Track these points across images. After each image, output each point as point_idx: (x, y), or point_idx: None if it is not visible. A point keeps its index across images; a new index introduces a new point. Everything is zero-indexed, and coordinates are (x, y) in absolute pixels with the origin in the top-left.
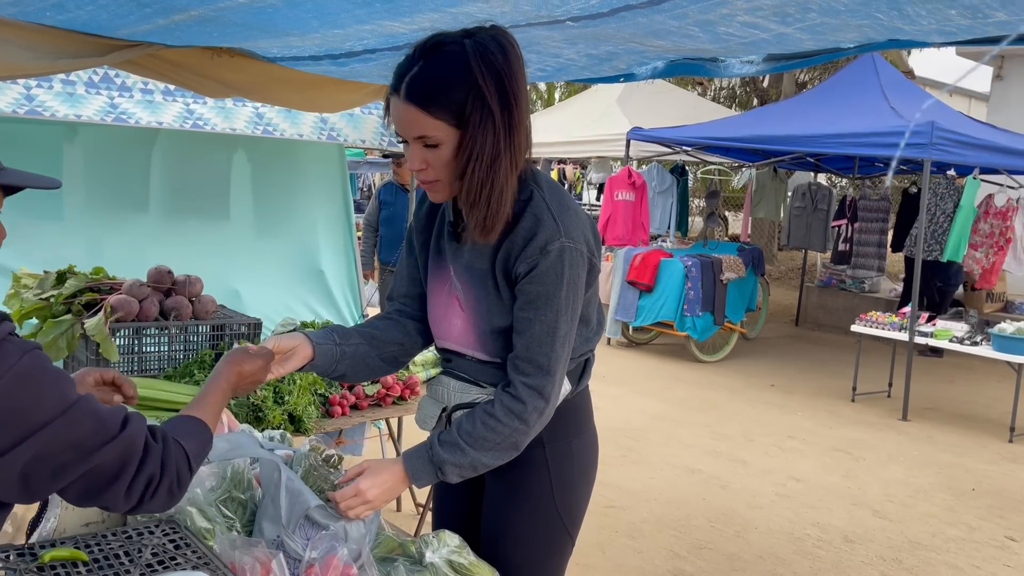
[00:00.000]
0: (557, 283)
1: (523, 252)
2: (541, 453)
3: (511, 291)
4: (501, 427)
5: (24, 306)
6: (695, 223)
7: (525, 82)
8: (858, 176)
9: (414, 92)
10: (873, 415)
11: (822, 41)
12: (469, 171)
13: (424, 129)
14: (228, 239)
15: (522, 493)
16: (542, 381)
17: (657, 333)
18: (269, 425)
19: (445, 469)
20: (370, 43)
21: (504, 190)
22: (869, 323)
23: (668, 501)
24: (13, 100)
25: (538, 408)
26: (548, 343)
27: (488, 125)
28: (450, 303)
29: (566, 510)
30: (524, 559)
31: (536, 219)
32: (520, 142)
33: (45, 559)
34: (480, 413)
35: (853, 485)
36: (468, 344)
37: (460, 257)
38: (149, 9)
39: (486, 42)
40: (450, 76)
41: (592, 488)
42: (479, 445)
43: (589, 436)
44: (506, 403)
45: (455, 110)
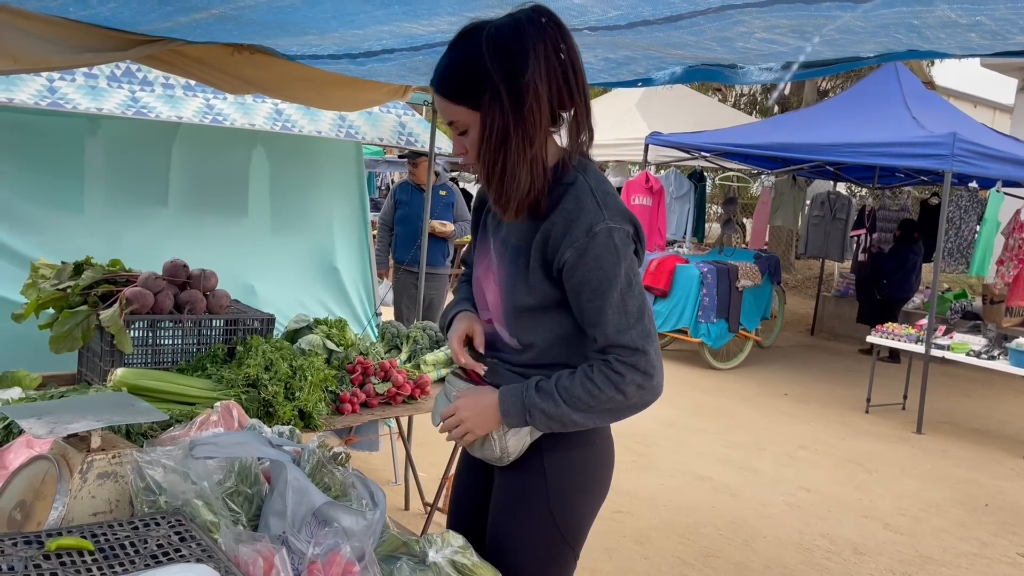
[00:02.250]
0: (613, 263)
1: (567, 235)
2: (539, 461)
3: (543, 274)
4: (598, 392)
5: (41, 296)
6: (712, 229)
7: (553, 64)
8: (878, 186)
9: (440, 82)
10: (887, 427)
11: (841, 52)
12: (482, 150)
13: (451, 115)
14: (244, 234)
15: (519, 499)
16: (635, 359)
17: (671, 339)
18: (279, 421)
19: (534, 413)
20: (389, 43)
21: (516, 170)
22: (885, 334)
23: (677, 508)
24: (36, 92)
25: (636, 381)
26: (623, 322)
27: (496, 105)
28: (487, 275)
29: (564, 522)
30: (521, 565)
31: (578, 201)
32: (533, 123)
33: (51, 547)
34: (580, 373)
35: (864, 497)
36: (498, 318)
37: (499, 231)
38: (170, 7)
39: (502, 27)
40: (465, 64)
41: (599, 503)
42: (573, 403)
43: (595, 449)
44: (605, 371)
45: (471, 95)
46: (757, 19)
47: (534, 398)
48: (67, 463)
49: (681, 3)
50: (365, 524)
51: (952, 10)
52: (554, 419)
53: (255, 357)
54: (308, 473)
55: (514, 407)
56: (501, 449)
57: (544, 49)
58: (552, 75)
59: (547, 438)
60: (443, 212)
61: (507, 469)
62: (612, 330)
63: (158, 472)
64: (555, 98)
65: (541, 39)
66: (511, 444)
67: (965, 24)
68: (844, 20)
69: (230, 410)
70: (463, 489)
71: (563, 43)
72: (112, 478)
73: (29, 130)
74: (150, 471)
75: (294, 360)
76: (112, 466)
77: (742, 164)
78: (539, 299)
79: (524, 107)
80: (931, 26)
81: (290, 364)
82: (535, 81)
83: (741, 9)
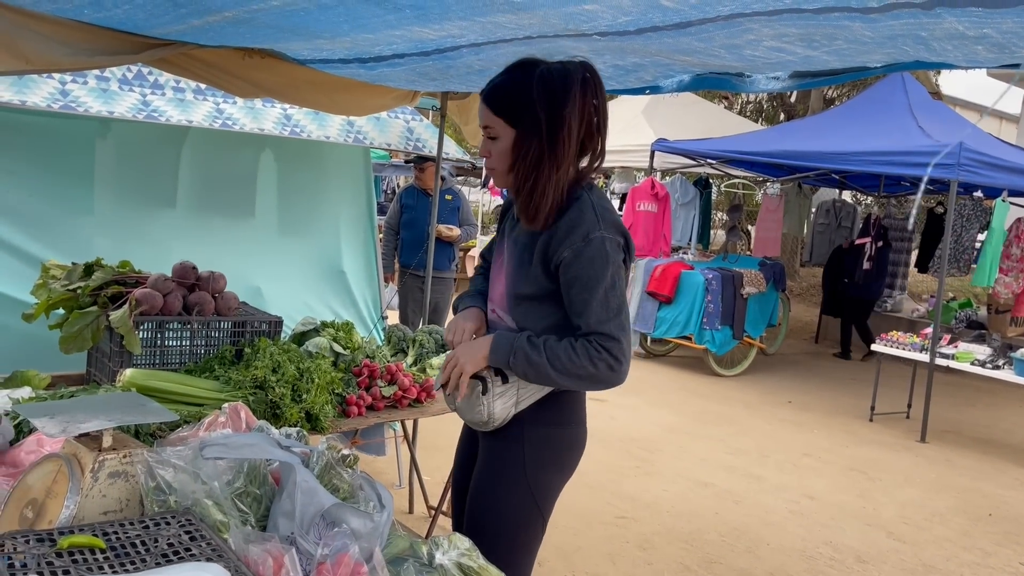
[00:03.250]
0: (603, 265)
1: (567, 239)
2: (520, 431)
3: (543, 269)
4: (576, 359)
5: (51, 297)
6: (717, 236)
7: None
8: (884, 194)
9: (490, 94)
10: (891, 435)
11: (848, 61)
12: (517, 166)
13: (490, 122)
14: (252, 237)
15: (499, 464)
16: (611, 345)
17: (675, 345)
18: (286, 422)
19: (518, 355)
20: (399, 48)
21: (546, 188)
22: (889, 343)
23: (680, 514)
24: (48, 95)
25: (608, 363)
26: (604, 315)
27: (535, 133)
28: (499, 269)
29: (537, 487)
30: (496, 527)
31: (581, 212)
32: (562, 152)
33: (63, 544)
34: (566, 342)
35: (868, 505)
36: (502, 305)
37: (513, 232)
38: (184, 9)
39: (555, 70)
40: (515, 88)
41: (568, 476)
42: (552, 360)
43: (572, 431)
44: (587, 346)
45: (512, 113)
46: (766, 27)
47: (523, 343)
48: (79, 462)
49: (691, 10)
50: (373, 526)
51: (960, 23)
52: (532, 366)
53: (263, 359)
54: (317, 475)
55: (503, 346)
56: (488, 414)
57: (583, 96)
58: (585, 117)
59: (530, 412)
60: (449, 216)
61: (491, 437)
62: (595, 320)
63: (168, 472)
64: (584, 135)
65: (582, 87)
66: (497, 410)
67: (972, 36)
68: (852, 30)
69: (238, 411)
70: (461, 451)
71: (597, 96)
72: (123, 477)
73: (40, 132)
74: (160, 471)
75: (301, 362)
76: (123, 465)
77: (748, 171)
78: (536, 290)
79: (558, 137)
80: (938, 38)
81: (297, 366)
82: (570, 119)
83: (751, 17)
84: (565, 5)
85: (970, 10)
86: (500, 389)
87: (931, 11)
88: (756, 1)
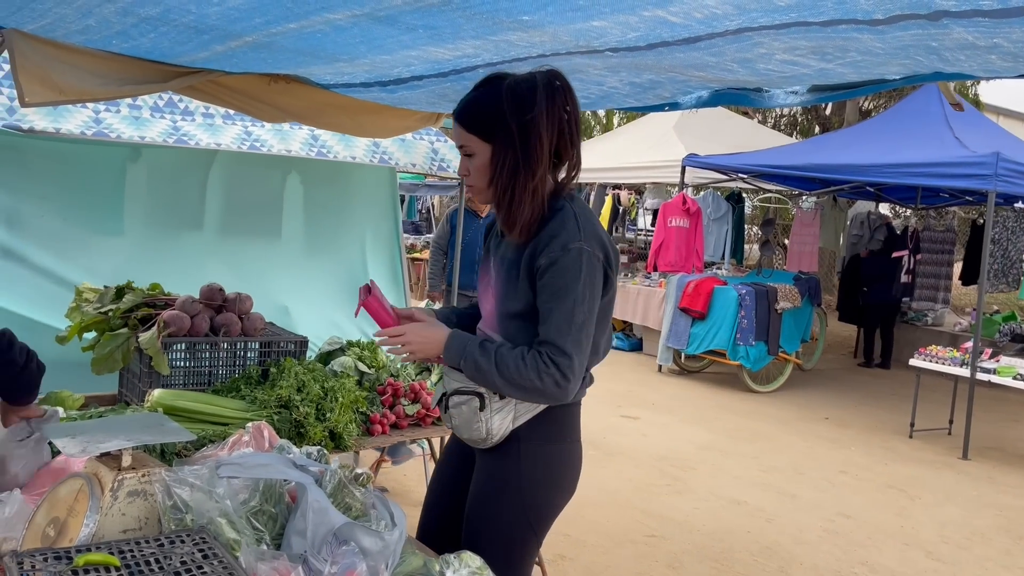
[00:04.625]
0: (575, 278)
1: (547, 248)
2: (516, 448)
3: (529, 283)
4: (524, 370)
5: (84, 319)
6: (752, 251)
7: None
8: (921, 206)
9: (461, 113)
10: (931, 452)
11: (866, 74)
12: (495, 180)
13: (464, 140)
14: (279, 257)
15: (496, 485)
16: (562, 360)
17: (709, 361)
18: (310, 441)
19: (467, 360)
20: (417, 69)
21: (523, 198)
22: (928, 357)
23: (711, 532)
24: (82, 123)
25: (555, 378)
26: (566, 328)
27: (509, 145)
28: (487, 287)
29: (533, 506)
30: (489, 542)
31: (562, 223)
32: (536, 160)
33: (79, 562)
34: (520, 350)
35: (906, 524)
36: (491, 325)
37: (499, 250)
38: (206, 36)
39: (521, 81)
40: (485, 103)
41: (567, 498)
42: (501, 368)
43: (567, 447)
44: (537, 359)
45: (484, 129)
46: (776, 41)
47: (475, 349)
48: (99, 481)
49: (698, 25)
50: (383, 544)
51: (968, 33)
52: (480, 371)
53: (288, 379)
54: (329, 494)
55: (456, 349)
56: (487, 430)
57: (552, 104)
58: (555, 125)
59: (526, 428)
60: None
61: (488, 455)
62: (554, 330)
63: (185, 491)
64: (556, 143)
65: (551, 96)
66: (495, 425)
67: (984, 47)
68: (862, 42)
69: (261, 431)
70: (446, 464)
71: (568, 103)
72: (142, 496)
73: (74, 158)
74: (177, 490)
75: (326, 382)
76: (142, 484)
77: (781, 185)
78: (524, 305)
79: (530, 146)
80: (950, 48)
81: (322, 386)
82: (541, 128)
83: (759, 31)
84: (573, 22)
85: (977, 20)
86: (498, 405)
87: (938, 22)
88: (762, 15)
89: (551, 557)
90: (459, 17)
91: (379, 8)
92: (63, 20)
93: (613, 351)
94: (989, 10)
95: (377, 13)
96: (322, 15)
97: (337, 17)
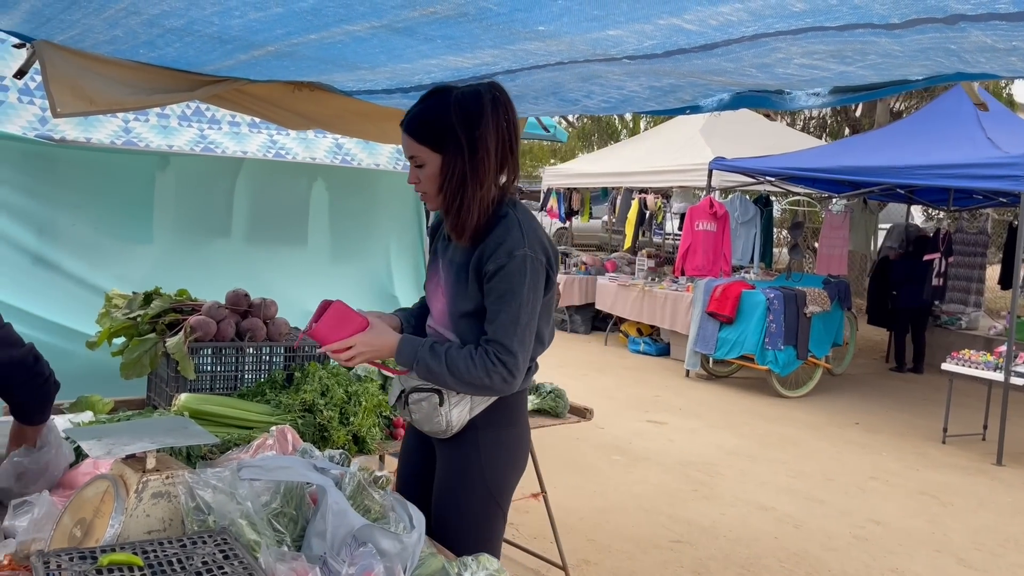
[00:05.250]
0: (520, 282)
1: (494, 254)
2: (475, 436)
3: (478, 285)
4: (473, 369)
5: (114, 325)
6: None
7: (502, 127)
8: (954, 208)
9: (410, 125)
10: (964, 458)
11: (886, 76)
12: (444, 187)
13: (415, 151)
14: (305, 263)
15: (459, 470)
16: (508, 358)
17: (738, 366)
18: (333, 445)
19: (420, 364)
20: (437, 77)
21: (471, 205)
22: (961, 361)
23: (737, 539)
24: (112, 132)
25: (501, 375)
26: (512, 329)
27: (457, 155)
28: (436, 289)
29: (495, 485)
30: (461, 526)
31: (507, 230)
32: (484, 170)
33: (103, 562)
34: (468, 350)
35: (938, 531)
36: (443, 323)
37: (447, 253)
38: (230, 45)
39: (467, 94)
40: (434, 115)
41: (520, 473)
42: (451, 368)
43: (520, 429)
44: (484, 358)
45: (434, 140)
46: (793, 45)
47: (426, 354)
48: (124, 483)
49: (714, 32)
50: (402, 547)
51: (986, 36)
52: (432, 373)
53: (312, 383)
54: (348, 496)
55: (408, 355)
56: (447, 423)
57: (495, 115)
58: (500, 135)
59: (481, 417)
60: None
61: (448, 445)
62: (501, 331)
63: (207, 492)
64: (500, 152)
65: (494, 107)
66: (454, 417)
67: (1003, 49)
68: (880, 45)
69: (285, 434)
70: (408, 460)
71: (508, 113)
72: (166, 497)
73: (104, 167)
74: (200, 491)
75: (349, 386)
76: (166, 486)
77: (810, 188)
78: (474, 306)
79: (477, 157)
80: (968, 50)
81: (345, 390)
82: (487, 138)
83: (775, 36)
84: (589, 31)
85: (994, 24)
86: (455, 399)
87: (955, 25)
88: (778, 20)
89: (575, 562)
90: (476, 28)
91: (397, 20)
92: (91, 31)
93: (640, 356)
94: (1006, 13)
95: (395, 24)
96: (341, 27)
97: (356, 29)
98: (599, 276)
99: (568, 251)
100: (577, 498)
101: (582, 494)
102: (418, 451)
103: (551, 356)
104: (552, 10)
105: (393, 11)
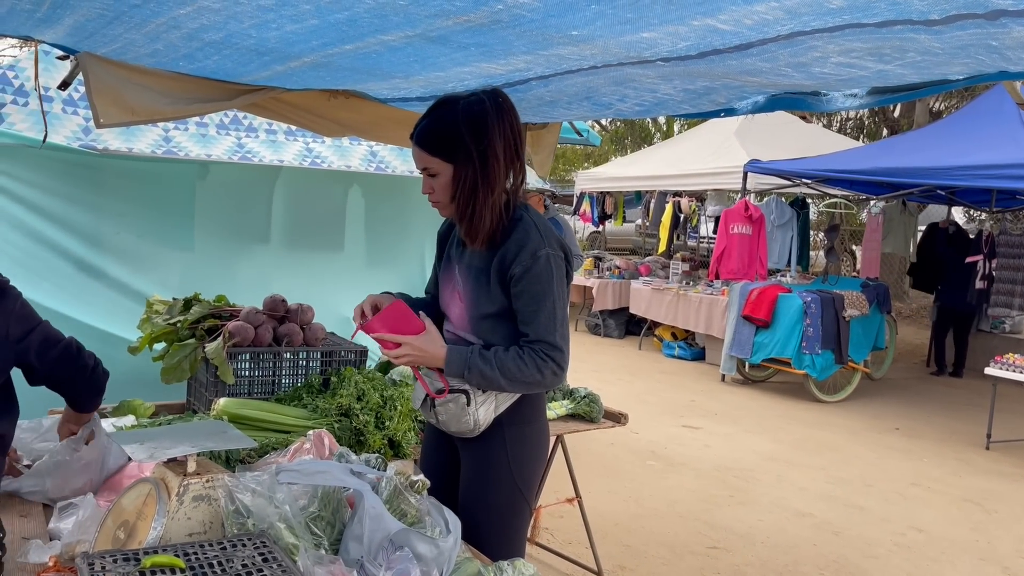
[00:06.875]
0: (549, 280)
1: (517, 257)
2: (500, 433)
3: (501, 288)
4: (525, 368)
5: (154, 330)
6: (818, 258)
7: (507, 133)
8: (996, 209)
9: (419, 137)
10: (1009, 464)
11: (926, 75)
12: (456, 195)
13: (426, 163)
14: (341, 269)
15: (486, 465)
16: (555, 353)
17: (774, 371)
18: (369, 449)
19: (473, 371)
20: (471, 84)
21: (483, 211)
22: (1005, 366)
23: (775, 545)
24: (152, 142)
25: (552, 369)
26: (552, 325)
27: (468, 163)
28: (453, 294)
29: (522, 480)
30: (491, 521)
31: (526, 232)
32: (494, 176)
33: (146, 564)
34: (514, 351)
35: (982, 539)
36: (463, 326)
37: (463, 259)
38: (267, 57)
39: (473, 103)
40: (443, 127)
41: (545, 465)
42: (504, 371)
43: (541, 425)
44: (534, 356)
45: (445, 150)
46: (830, 44)
47: (477, 360)
48: (166, 486)
49: (749, 31)
50: (438, 551)
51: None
52: (486, 379)
53: (348, 387)
54: (384, 500)
55: (457, 363)
56: (475, 422)
57: (501, 122)
58: (506, 140)
59: (506, 414)
60: None
61: (474, 443)
62: (542, 330)
63: (247, 496)
64: (508, 157)
65: (499, 114)
66: (481, 417)
67: None
68: (920, 42)
69: (322, 438)
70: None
71: (512, 118)
72: (206, 501)
73: (145, 176)
74: (240, 495)
75: (385, 390)
76: (206, 490)
77: (847, 190)
78: (498, 307)
79: (487, 164)
80: (1011, 47)
81: (381, 394)
82: (495, 145)
83: (811, 35)
84: (623, 35)
85: None
86: (482, 399)
87: (996, 21)
88: (815, 18)
89: (611, 568)
90: (509, 35)
91: (431, 29)
92: (132, 45)
93: (675, 360)
94: None
95: (429, 33)
96: (376, 37)
97: (391, 39)
98: (633, 280)
99: (602, 255)
100: (612, 503)
101: (617, 499)
102: (441, 451)
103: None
104: (586, 14)
105: (427, 20)
